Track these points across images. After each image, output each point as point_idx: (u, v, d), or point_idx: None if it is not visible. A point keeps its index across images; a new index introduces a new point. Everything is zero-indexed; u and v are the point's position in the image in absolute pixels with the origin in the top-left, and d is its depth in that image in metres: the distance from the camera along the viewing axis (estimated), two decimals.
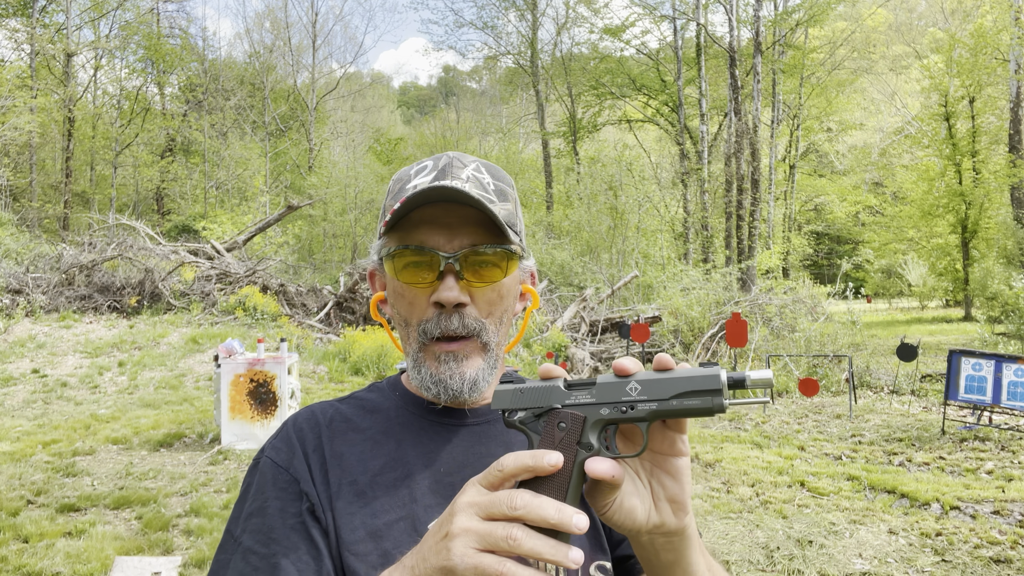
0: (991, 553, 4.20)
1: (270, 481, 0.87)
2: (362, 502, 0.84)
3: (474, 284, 0.87)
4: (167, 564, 3.97)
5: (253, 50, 34.29)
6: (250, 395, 6.70)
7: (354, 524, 0.83)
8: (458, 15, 56.23)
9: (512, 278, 0.92)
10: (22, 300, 12.06)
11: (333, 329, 13.10)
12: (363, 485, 0.86)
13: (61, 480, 5.56)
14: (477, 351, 0.89)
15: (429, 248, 0.86)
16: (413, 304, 0.89)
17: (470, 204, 0.85)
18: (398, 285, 0.90)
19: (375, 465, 0.87)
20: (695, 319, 11.76)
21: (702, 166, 23.41)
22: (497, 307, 0.90)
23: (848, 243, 38.61)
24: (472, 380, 0.88)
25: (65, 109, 24.38)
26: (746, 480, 5.64)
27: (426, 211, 0.87)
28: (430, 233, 0.86)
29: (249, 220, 23.83)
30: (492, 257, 0.87)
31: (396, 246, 0.88)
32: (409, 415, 0.93)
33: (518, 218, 0.94)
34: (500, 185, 0.92)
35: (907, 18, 36.15)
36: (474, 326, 0.87)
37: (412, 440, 0.90)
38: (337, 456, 0.88)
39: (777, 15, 25.12)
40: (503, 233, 0.87)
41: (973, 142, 25.61)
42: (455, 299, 0.85)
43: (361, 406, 0.94)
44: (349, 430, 0.91)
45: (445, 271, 0.86)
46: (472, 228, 0.87)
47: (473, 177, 0.90)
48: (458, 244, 0.86)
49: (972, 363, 6.93)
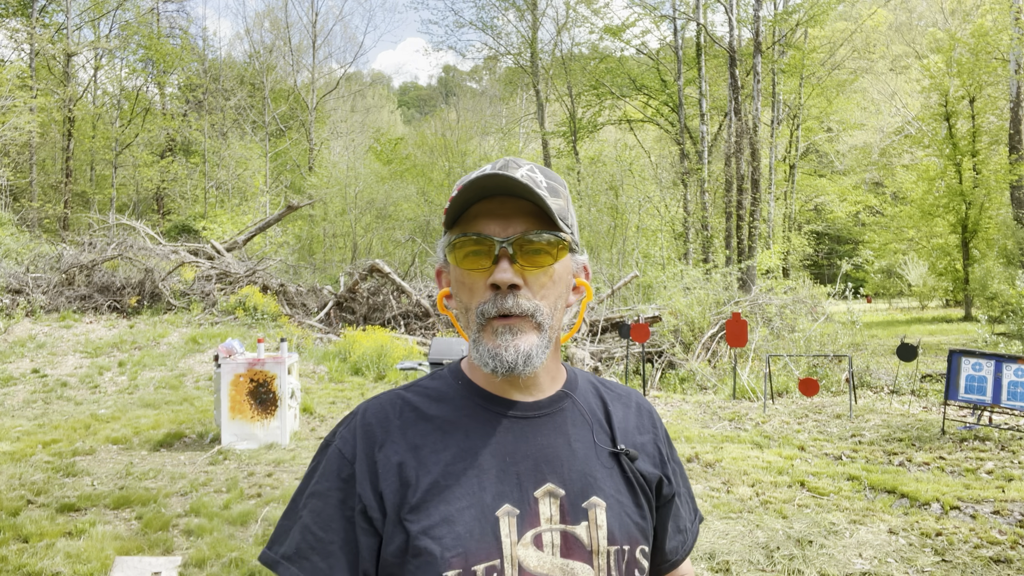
0: (991, 553, 4.20)
1: (335, 471, 0.96)
2: (437, 491, 0.92)
3: (527, 268, 0.95)
4: (167, 564, 3.97)
5: (253, 50, 34.29)
6: (250, 395, 6.70)
7: (430, 511, 0.91)
8: (458, 15, 56.21)
9: (563, 265, 0.99)
10: (22, 300, 12.06)
11: (333, 329, 13.11)
12: (437, 475, 0.93)
13: (61, 480, 5.56)
14: (532, 328, 0.95)
15: (485, 235, 0.94)
16: (473, 289, 0.96)
17: (522, 195, 0.94)
18: (459, 272, 0.98)
19: (447, 456, 0.95)
20: (695, 319, 11.75)
21: (702, 166, 23.41)
22: (550, 291, 0.97)
23: (848, 243, 38.60)
24: (526, 354, 0.93)
25: (65, 109, 24.37)
26: (746, 480, 5.64)
27: (483, 205, 0.95)
28: (487, 223, 0.95)
29: (249, 220, 23.84)
30: (543, 244, 0.95)
31: (457, 236, 0.96)
32: (474, 405, 1.00)
33: (570, 214, 1.01)
34: (552, 184, 1.00)
35: (907, 18, 36.14)
36: (528, 306, 0.94)
37: (479, 431, 0.97)
38: (412, 448, 0.95)
39: (777, 15, 25.10)
40: (553, 222, 0.95)
41: (973, 142, 25.60)
42: (509, 280, 0.92)
43: (427, 395, 1.02)
44: (419, 420, 0.98)
45: (500, 255, 0.93)
46: (525, 218, 0.95)
47: (527, 175, 0.97)
48: (512, 231, 0.94)
49: (972, 363, 6.93)
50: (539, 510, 0.94)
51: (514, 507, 0.93)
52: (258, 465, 6.08)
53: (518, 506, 0.93)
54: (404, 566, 0.90)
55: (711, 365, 11.13)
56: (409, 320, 13.52)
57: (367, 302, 13.80)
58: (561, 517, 0.95)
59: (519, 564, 0.91)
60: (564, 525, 0.95)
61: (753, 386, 9.74)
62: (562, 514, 0.95)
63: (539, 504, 0.94)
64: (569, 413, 1.02)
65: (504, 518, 0.92)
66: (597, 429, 1.03)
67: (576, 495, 0.96)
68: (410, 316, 13.58)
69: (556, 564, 0.93)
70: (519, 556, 0.91)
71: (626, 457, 1.02)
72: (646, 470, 1.04)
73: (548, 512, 0.94)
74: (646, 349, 11.07)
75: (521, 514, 0.93)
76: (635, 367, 10.87)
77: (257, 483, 5.56)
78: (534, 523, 0.93)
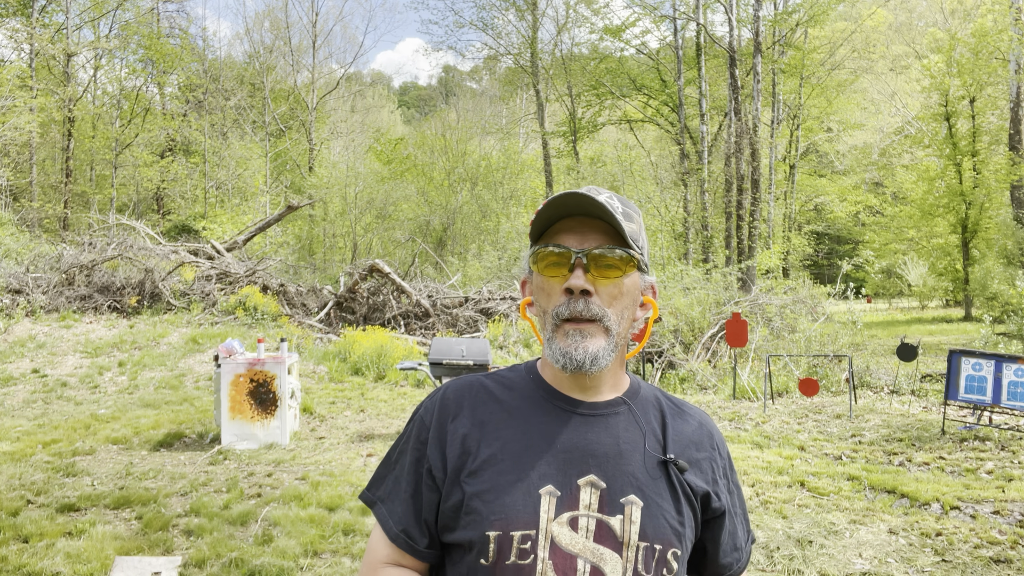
0: (991, 553, 4.20)
1: (416, 434, 1.14)
2: (493, 462, 1.06)
3: (598, 278, 1.06)
4: (167, 564, 3.97)
5: (253, 50, 34.28)
6: (250, 395, 6.70)
7: (485, 478, 1.05)
8: (458, 15, 56.13)
9: (631, 280, 1.10)
10: (22, 300, 12.06)
11: (333, 329, 13.10)
12: (496, 449, 1.08)
13: (61, 480, 5.56)
14: (600, 332, 1.06)
15: (564, 247, 1.07)
16: (550, 294, 1.09)
17: (599, 215, 1.07)
18: (540, 279, 1.11)
19: (507, 434, 1.09)
20: (695, 319, 11.75)
21: (702, 166, 23.39)
22: (618, 301, 1.08)
23: (848, 243, 38.59)
24: (594, 355, 1.05)
25: (65, 109, 24.35)
26: (746, 480, 5.63)
27: (565, 223, 1.09)
28: (567, 237, 1.08)
29: (249, 220, 23.83)
30: (614, 259, 1.07)
31: (540, 246, 1.09)
32: (539, 397, 1.13)
33: (642, 238, 1.12)
34: (628, 210, 1.11)
35: (907, 18, 36.12)
36: (597, 311, 1.06)
37: (538, 419, 1.10)
38: (479, 423, 1.10)
39: (777, 15, 25.09)
40: (625, 240, 1.07)
41: (973, 142, 25.59)
42: (581, 285, 1.04)
43: (501, 383, 1.16)
44: (490, 400, 1.13)
45: (575, 264, 1.06)
46: (600, 235, 1.08)
47: (606, 200, 1.08)
48: (587, 244, 1.07)
49: (972, 363, 6.93)
50: (579, 496, 1.05)
51: (556, 489, 1.05)
52: (258, 465, 6.08)
53: (560, 489, 1.05)
54: (458, 519, 1.05)
55: (711, 365, 11.13)
56: (409, 320, 13.52)
57: (367, 302, 13.80)
58: (599, 507, 1.05)
59: (552, 538, 1.02)
60: (600, 514, 1.05)
61: (753, 386, 9.74)
62: (600, 504, 1.05)
63: (580, 491, 1.05)
64: (623, 418, 1.13)
65: (545, 496, 1.04)
66: (650, 437, 1.12)
67: (616, 490, 1.06)
68: (410, 316, 13.58)
69: (588, 546, 1.03)
70: (553, 531, 1.02)
71: (675, 467, 1.11)
72: (695, 483, 1.12)
73: (587, 500, 1.05)
74: (646, 349, 11.07)
75: (562, 496, 1.04)
76: (635, 367, 10.87)
77: (257, 483, 5.56)
78: (573, 506, 1.04)
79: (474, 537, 1.02)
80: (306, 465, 6.10)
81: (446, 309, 13.71)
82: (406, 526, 1.10)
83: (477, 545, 1.02)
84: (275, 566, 3.98)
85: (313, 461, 6.24)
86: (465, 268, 19.64)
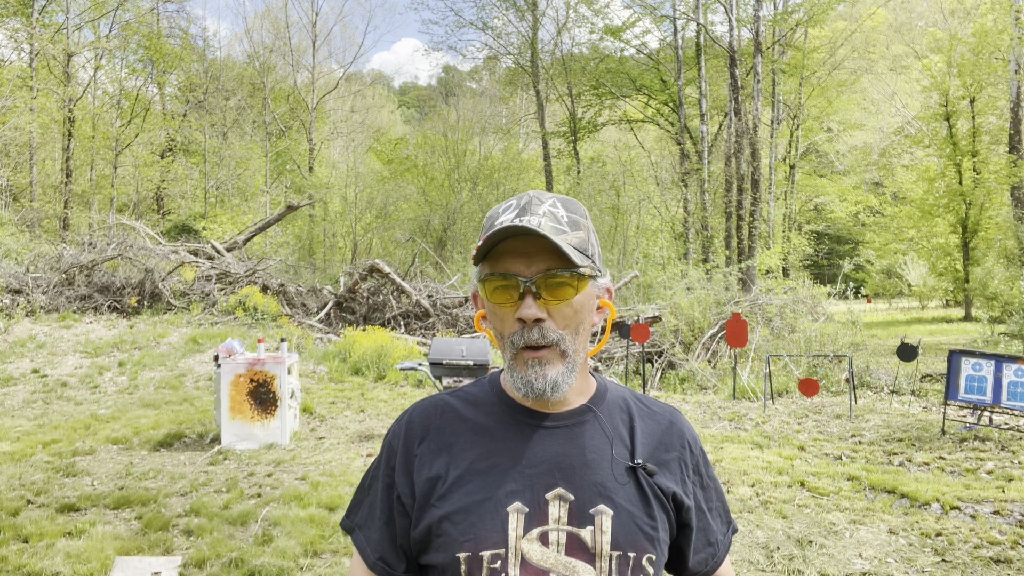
0: (991, 553, 4.20)
1: (385, 460, 1.14)
2: (461, 483, 1.06)
3: (550, 302, 1.04)
4: (167, 564, 3.97)
5: (253, 50, 34.26)
6: (250, 395, 6.70)
7: (453, 499, 1.05)
8: (458, 15, 56.10)
9: (585, 295, 1.07)
10: (22, 300, 12.06)
11: (333, 329, 13.10)
12: (463, 470, 1.07)
13: (61, 480, 5.56)
14: (557, 357, 1.05)
15: (511, 274, 1.03)
16: (503, 320, 1.06)
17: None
18: (490, 305, 1.08)
19: (473, 454, 1.08)
20: (695, 319, 11.75)
21: (702, 166, 23.39)
22: (572, 320, 1.06)
23: (848, 243, 38.60)
24: (554, 381, 1.05)
25: (65, 109, 24.35)
26: (746, 480, 5.63)
27: (509, 243, 1.05)
28: (513, 261, 1.04)
29: (249, 220, 23.84)
30: (564, 279, 1.04)
31: (486, 273, 1.06)
32: (503, 412, 1.12)
33: (591, 243, 1.09)
34: (573, 216, 1.08)
35: (907, 18, 36.11)
36: (553, 337, 1.04)
37: (503, 436, 1.09)
38: (447, 446, 1.10)
39: (777, 15, 25.08)
40: (572, 259, 1.03)
41: (973, 142, 25.60)
42: (533, 315, 1.02)
43: (466, 400, 1.15)
44: (456, 420, 1.12)
45: (524, 292, 1.03)
46: (547, 256, 1.04)
47: (549, 212, 1.06)
48: (535, 269, 1.03)
49: (972, 363, 6.93)
50: (548, 511, 1.04)
51: (524, 505, 1.04)
52: (258, 465, 6.08)
53: (528, 505, 1.04)
54: (430, 542, 1.05)
55: (711, 365, 11.12)
56: (409, 320, 13.52)
57: (367, 302, 13.80)
58: (569, 519, 1.04)
59: (522, 555, 1.02)
60: (571, 527, 1.04)
61: (753, 386, 9.74)
62: (570, 517, 1.04)
63: (549, 505, 1.04)
64: (589, 426, 1.11)
65: (513, 514, 1.03)
66: (617, 443, 1.11)
67: (585, 501, 1.05)
68: (410, 316, 13.58)
69: (560, 560, 1.02)
70: (523, 549, 1.02)
71: (643, 471, 1.10)
72: (665, 485, 1.11)
73: (556, 513, 1.04)
74: (646, 349, 11.07)
75: (530, 512, 1.04)
76: (635, 367, 10.87)
77: (257, 483, 5.56)
78: (542, 521, 1.04)
79: (445, 560, 1.03)
80: (306, 465, 6.10)
81: (446, 309, 13.70)
82: (383, 553, 1.10)
83: (449, 567, 1.02)
84: (275, 566, 3.98)
85: (313, 461, 6.24)
86: (465, 268, 19.63)
